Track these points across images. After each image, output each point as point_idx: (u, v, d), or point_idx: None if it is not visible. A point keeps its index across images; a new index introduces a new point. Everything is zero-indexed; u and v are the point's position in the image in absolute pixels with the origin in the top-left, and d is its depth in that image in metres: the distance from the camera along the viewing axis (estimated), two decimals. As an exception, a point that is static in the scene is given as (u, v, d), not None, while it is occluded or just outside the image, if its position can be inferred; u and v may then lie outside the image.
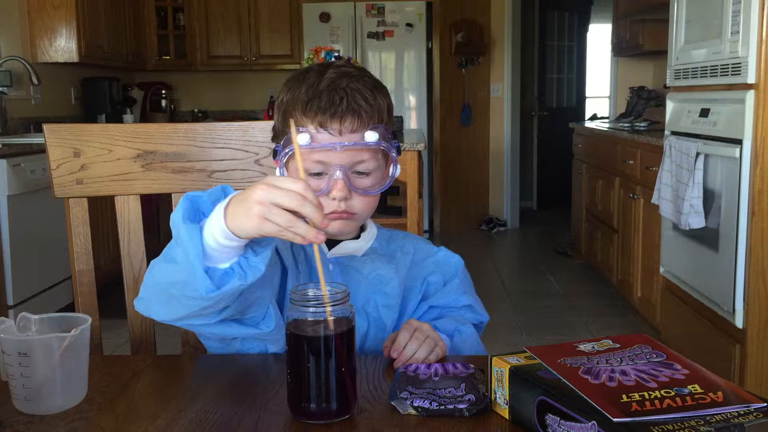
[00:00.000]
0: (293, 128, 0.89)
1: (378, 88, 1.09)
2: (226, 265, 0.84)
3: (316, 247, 0.83)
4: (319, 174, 1.04)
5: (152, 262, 0.91)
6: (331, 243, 1.12)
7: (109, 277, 3.23)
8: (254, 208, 0.79)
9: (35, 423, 0.85)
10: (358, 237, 1.14)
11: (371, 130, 1.04)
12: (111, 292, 1.70)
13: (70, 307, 3.63)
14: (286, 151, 1.03)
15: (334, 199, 1.04)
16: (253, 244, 0.86)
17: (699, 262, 2.74)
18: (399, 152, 1.08)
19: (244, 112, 6.22)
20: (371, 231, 1.17)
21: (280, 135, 1.10)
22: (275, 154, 1.07)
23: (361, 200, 1.07)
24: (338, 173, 1.03)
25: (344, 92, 1.04)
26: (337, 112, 1.02)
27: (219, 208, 0.83)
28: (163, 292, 0.89)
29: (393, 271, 1.13)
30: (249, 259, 0.84)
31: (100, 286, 1.31)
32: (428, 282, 1.19)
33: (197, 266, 0.82)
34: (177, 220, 0.84)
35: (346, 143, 1.02)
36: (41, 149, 3.49)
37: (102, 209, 3.62)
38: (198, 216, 0.85)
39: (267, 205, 0.78)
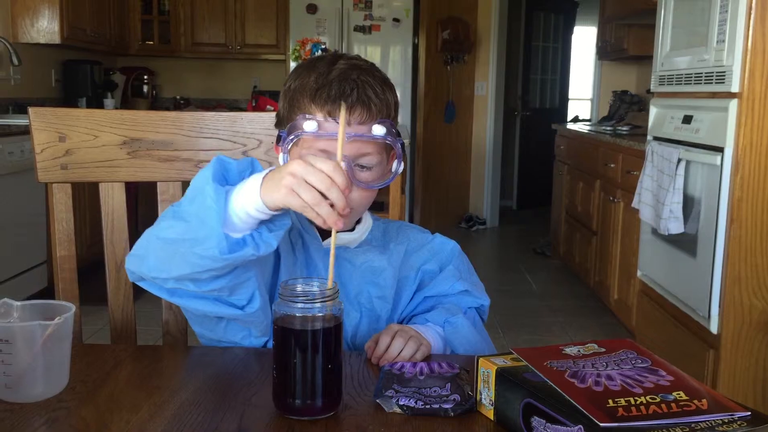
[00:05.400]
0: (343, 113, 0.91)
1: (387, 83, 1.09)
2: (238, 235, 0.85)
3: (334, 234, 0.85)
4: None
5: (153, 225, 0.92)
6: (325, 234, 1.12)
7: (84, 263, 3.19)
8: (286, 178, 0.81)
9: (15, 411, 0.83)
10: (353, 229, 1.14)
11: (379, 123, 1.03)
12: (85, 277, 1.68)
13: (45, 292, 3.59)
14: (291, 137, 1.02)
15: None
16: (269, 222, 0.88)
17: (676, 267, 2.76)
18: (404, 149, 1.07)
19: (227, 101, 6.17)
20: (366, 223, 1.16)
21: (285, 121, 1.09)
22: (279, 139, 1.07)
23: (360, 194, 1.06)
24: (342, 164, 1.02)
25: (355, 83, 1.03)
26: (346, 102, 1.02)
27: (257, 178, 0.85)
28: (167, 248, 0.89)
29: (386, 262, 1.13)
30: (263, 234, 0.86)
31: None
32: (423, 271, 1.18)
33: (216, 227, 0.83)
34: (206, 177, 0.85)
35: (354, 134, 1.02)
36: (20, 131, 3.44)
37: (79, 195, 3.57)
38: (223, 182, 0.86)
39: (298, 179, 0.81)
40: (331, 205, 0.84)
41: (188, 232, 0.85)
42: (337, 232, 1.10)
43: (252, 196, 0.84)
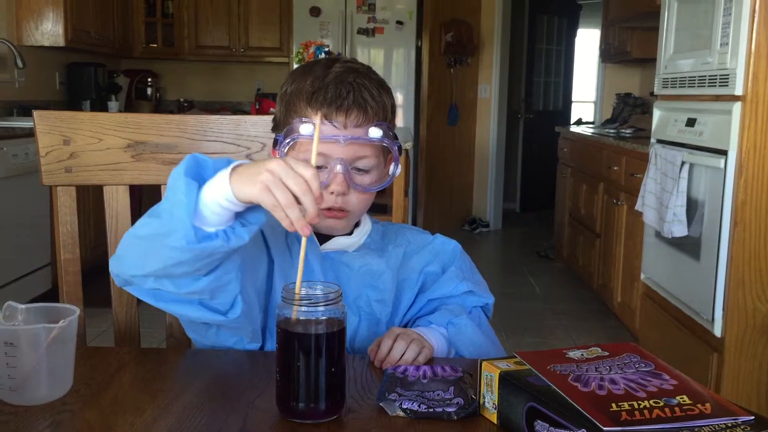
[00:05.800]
0: (318, 120, 0.90)
1: (383, 86, 1.09)
2: (211, 229, 0.84)
3: (304, 241, 0.84)
4: (318, 167, 1.03)
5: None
6: (324, 238, 1.11)
7: (88, 266, 3.20)
8: (263, 174, 0.80)
9: (19, 414, 0.84)
10: (351, 233, 1.13)
11: (375, 126, 1.04)
12: (89, 280, 1.68)
13: (49, 295, 3.59)
14: (287, 141, 1.03)
15: (332, 193, 1.03)
16: (243, 218, 0.87)
17: (680, 270, 2.76)
18: (400, 152, 1.07)
19: (231, 104, 6.18)
20: (365, 226, 1.16)
21: (281, 125, 1.09)
22: (276, 143, 1.07)
23: (357, 197, 1.06)
24: (339, 167, 1.02)
25: (351, 86, 1.03)
26: (343, 105, 1.02)
27: (226, 171, 0.84)
28: (142, 245, 0.89)
29: (384, 265, 1.13)
30: (235, 229, 0.85)
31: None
32: (426, 272, 1.18)
33: (185, 218, 0.82)
34: (179, 172, 0.84)
35: (350, 136, 1.02)
36: (24, 134, 3.45)
37: (84, 198, 3.58)
38: (198, 178, 0.86)
39: (275, 178, 0.80)
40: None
41: (161, 227, 0.85)
42: (337, 236, 1.12)
43: (222, 186, 0.83)
